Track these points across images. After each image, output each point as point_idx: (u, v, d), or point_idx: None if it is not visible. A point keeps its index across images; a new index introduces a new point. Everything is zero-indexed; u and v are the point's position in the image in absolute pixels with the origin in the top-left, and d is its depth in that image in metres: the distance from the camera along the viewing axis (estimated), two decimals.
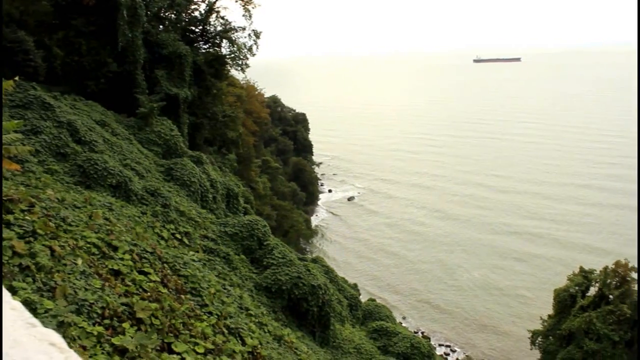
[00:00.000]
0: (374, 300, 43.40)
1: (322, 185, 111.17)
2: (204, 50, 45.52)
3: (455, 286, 63.12)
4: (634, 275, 34.17)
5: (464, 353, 51.54)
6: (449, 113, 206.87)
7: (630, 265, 34.29)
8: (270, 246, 26.33)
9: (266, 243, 26.52)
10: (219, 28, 45.75)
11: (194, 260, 17.49)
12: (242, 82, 73.72)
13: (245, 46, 47.32)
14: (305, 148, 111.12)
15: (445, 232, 79.71)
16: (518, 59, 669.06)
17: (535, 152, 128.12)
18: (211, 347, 11.08)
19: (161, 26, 41.62)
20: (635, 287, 33.98)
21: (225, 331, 13.24)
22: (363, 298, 43.94)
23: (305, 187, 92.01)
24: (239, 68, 48.72)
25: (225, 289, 17.96)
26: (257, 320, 18.09)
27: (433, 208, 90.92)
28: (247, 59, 48.30)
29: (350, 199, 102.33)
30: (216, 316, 13.63)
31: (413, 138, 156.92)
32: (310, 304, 24.63)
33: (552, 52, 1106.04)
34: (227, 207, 33.42)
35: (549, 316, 38.68)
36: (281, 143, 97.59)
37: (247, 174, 60.00)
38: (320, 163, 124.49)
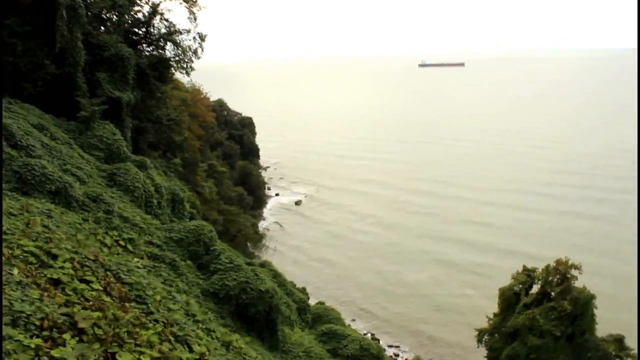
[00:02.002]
0: (323, 303, 43.52)
1: (269, 189, 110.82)
2: (147, 53, 44.59)
3: (398, 293, 63.63)
4: (574, 272, 35.43)
5: (413, 353, 52.24)
6: (395, 118, 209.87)
7: (570, 262, 35.54)
8: (217, 251, 25.98)
9: (213, 248, 26.15)
10: (163, 30, 44.89)
11: (138, 267, 17.05)
12: (187, 86, 72.76)
13: (190, 49, 46.63)
14: (251, 152, 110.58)
15: (389, 240, 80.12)
16: (462, 64, 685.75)
17: (480, 158, 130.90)
18: (157, 355, 10.78)
19: (102, 28, 40.49)
20: (576, 284, 35.26)
21: (172, 339, 12.92)
22: (314, 299, 44.00)
23: (252, 191, 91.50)
24: (184, 71, 47.97)
25: (171, 295, 17.57)
26: (204, 327, 17.77)
27: (377, 215, 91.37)
28: (192, 62, 47.61)
29: (298, 202, 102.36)
30: (162, 324, 13.29)
31: (360, 143, 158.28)
32: (258, 308, 24.44)
33: (494, 57, 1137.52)
34: (173, 212, 32.82)
35: (495, 314, 39.65)
36: (227, 147, 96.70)
37: (193, 179, 59.15)
38: (267, 167, 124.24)
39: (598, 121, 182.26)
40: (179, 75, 53.34)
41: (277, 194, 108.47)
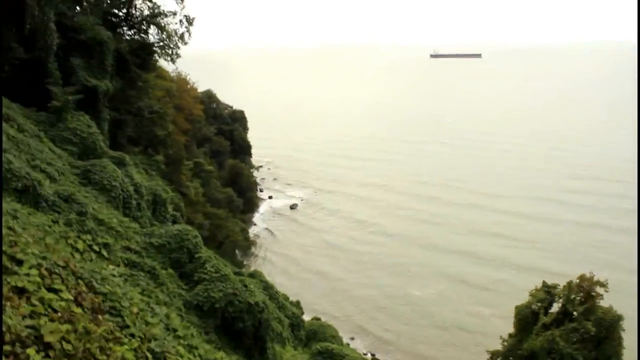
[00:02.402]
0: (318, 319, 43.46)
1: (261, 191, 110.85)
2: (128, 37, 44.64)
3: (400, 310, 63.64)
4: (599, 290, 35.33)
5: None
6: (402, 115, 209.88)
7: (595, 279, 35.45)
8: (202, 259, 25.92)
9: (197, 255, 26.09)
10: (145, 12, 44.96)
11: (113, 276, 16.99)
12: (172, 75, 72.67)
13: (176, 34, 46.70)
14: (243, 149, 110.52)
15: (392, 252, 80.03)
16: (479, 55, 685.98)
17: (495, 160, 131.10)
18: None
19: (78, 8, 40.49)
20: (601, 303, 35.14)
21: (150, 356, 12.89)
22: (310, 313, 43.98)
23: (242, 193, 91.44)
24: (169, 58, 48.02)
25: (150, 307, 17.52)
26: (186, 343, 17.73)
27: (379, 223, 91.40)
28: (179, 48, 47.67)
29: (292, 207, 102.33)
30: (139, 339, 13.24)
31: (362, 142, 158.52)
32: (247, 323, 24.37)
33: (515, 48, 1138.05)
34: (154, 215, 32.78)
35: (510, 335, 39.53)
36: (216, 143, 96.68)
37: (177, 178, 59.09)
38: (260, 167, 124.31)
39: (631, 121, 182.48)
40: (163, 63, 53.41)
41: (270, 197, 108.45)
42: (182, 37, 47.32)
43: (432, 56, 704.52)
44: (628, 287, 61.70)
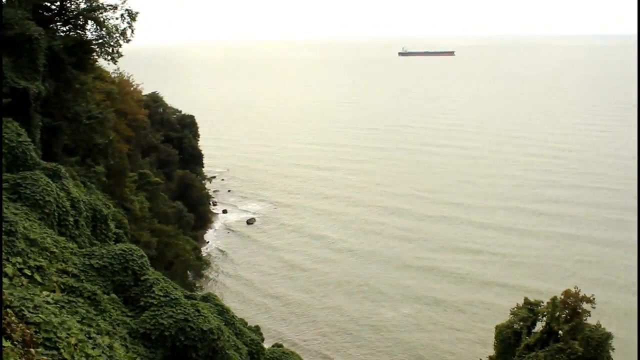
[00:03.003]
0: (280, 345, 43.18)
1: (214, 205, 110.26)
2: (62, 34, 43.91)
3: (367, 337, 63.53)
4: (586, 306, 35.89)
5: None
6: (367, 117, 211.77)
7: (581, 294, 36.01)
8: (150, 282, 25.56)
9: (144, 278, 25.72)
10: (82, 6, 44.27)
11: (48, 303, 16.65)
12: (113, 76, 71.88)
13: (117, 30, 46.06)
14: (193, 159, 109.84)
15: (358, 271, 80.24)
16: (451, 53, 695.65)
17: (468, 168, 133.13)
18: None
19: (4, 0, 39.77)
20: (588, 320, 35.70)
21: None
22: (272, 339, 43.71)
23: (193, 207, 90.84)
24: (109, 57, 47.30)
25: (90, 337, 17.18)
26: None
27: (344, 240, 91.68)
28: (120, 45, 46.99)
29: (249, 222, 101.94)
30: None
31: (325, 150, 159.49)
32: (200, 352, 24.08)
33: (492, 44, 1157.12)
34: (94, 233, 32.24)
35: (490, 358, 39.87)
36: (163, 152, 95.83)
37: (120, 191, 58.36)
38: (213, 177, 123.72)
39: (613, 123, 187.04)
40: (102, 63, 52.67)
41: (224, 211, 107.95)
42: (123, 33, 46.68)
43: (401, 54, 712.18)
44: (615, 307, 63.06)
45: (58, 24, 44.31)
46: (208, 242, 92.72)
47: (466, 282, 75.61)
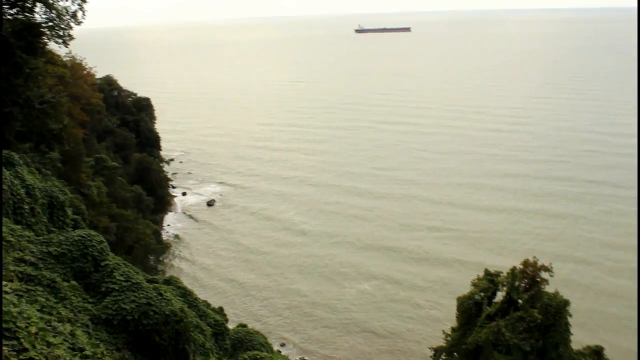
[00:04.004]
0: (244, 326, 43.29)
1: (173, 187, 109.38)
2: (10, 17, 42.77)
3: (328, 317, 63.69)
4: (544, 275, 36.66)
5: None
6: (324, 97, 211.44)
7: (539, 264, 36.75)
8: (110, 267, 25.28)
9: (104, 264, 25.43)
10: None
11: (6, 292, 16.36)
12: (65, 59, 70.46)
13: (67, 12, 45.01)
14: (150, 142, 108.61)
15: (317, 253, 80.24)
16: (407, 29, 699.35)
17: (427, 145, 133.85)
18: None
19: None
20: (546, 289, 36.49)
21: None
22: (232, 323, 43.67)
23: (152, 190, 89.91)
24: (60, 40, 46.26)
25: (51, 326, 16.94)
26: None
27: (302, 221, 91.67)
28: (71, 28, 45.96)
29: (210, 203, 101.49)
30: None
31: (283, 129, 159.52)
32: (164, 336, 23.96)
33: (445, 19, 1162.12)
34: (51, 220, 31.72)
35: (453, 329, 40.50)
36: (120, 136, 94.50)
37: (76, 177, 57.44)
38: (171, 160, 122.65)
39: (572, 97, 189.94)
40: (53, 46, 51.52)
41: (184, 193, 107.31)
42: (74, 15, 45.64)
43: (357, 31, 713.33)
44: (573, 278, 64.37)
45: (5, 6, 43.12)
46: (168, 225, 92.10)
47: (426, 260, 75.97)
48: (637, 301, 56.33)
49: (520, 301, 36.86)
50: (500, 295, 38.86)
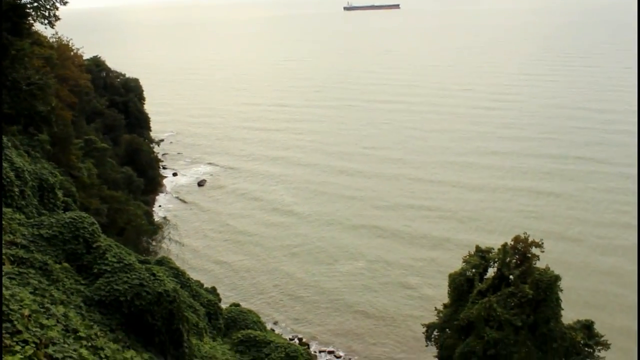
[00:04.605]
0: (238, 305, 43.44)
1: (164, 168, 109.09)
2: None
3: (318, 300, 63.40)
4: (535, 251, 36.86)
5: (350, 358, 53.26)
6: (314, 75, 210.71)
7: (530, 240, 36.94)
8: (102, 249, 25.26)
9: (96, 245, 25.40)
10: None
11: None
12: (51, 40, 69.83)
13: None
14: (140, 123, 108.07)
15: (306, 233, 79.92)
16: (397, 6, 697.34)
17: (416, 124, 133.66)
18: None
19: None
20: (537, 265, 36.74)
21: None
22: (224, 304, 43.79)
23: (143, 171, 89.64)
24: (46, 21, 45.83)
25: (44, 308, 16.96)
26: (89, 344, 17.30)
27: (291, 202, 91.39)
28: (57, 8, 45.55)
29: (201, 183, 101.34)
30: (34, 345, 12.81)
31: (272, 109, 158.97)
32: (157, 316, 24.01)
33: None
34: (41, 203, 31.61)
35: (445, 306, 40.76)
36: (109, 117, 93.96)
37: (66, 159, 57.14)
38: (161, 140, 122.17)
39: (562, 74, 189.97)
40: (39, 27, 51.05)
41: (175, 174, 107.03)
42: None
43: (346, 9, 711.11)
44: (562, 256, 64.44)
45: None
46: (160, 206, 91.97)
47: (416, 239, 75.82)
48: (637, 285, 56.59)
49: (511, 277, 37.10)
50: (491, 272, 39.08)
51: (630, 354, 49.26)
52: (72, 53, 79.63)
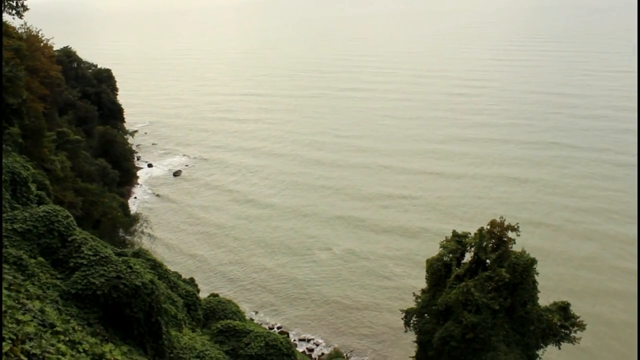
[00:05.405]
0: (216, 295, 43.41)
1: (138, 159, 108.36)
2: None
3: (294, 293, 63.25)
4: (511, 234, 37.17)
5: (330, 346, 53.50)
6: (287, 64, 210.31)
7: (506, 223, 37.23)
8: (77, 242, 25.07)
9: (71, 239, 25.20)
10: None
11: None
12: (20, 32, 68.82)
13: None
14: (113, 114, 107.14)
15: (279, 225, 79.53)
16: None
17: (390, 111, 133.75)
18: None
19: None
20: (514, 248, 37.06)
21: (25, 359, 12.41)
22: (203, 295, 43.72)
23: (117, 163, 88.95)
24: (14, 11, 45.22)
25: (19, 303, 16.83)
26: (67, 339, 17.20)
27: (263, 193, 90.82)
28: None
29: (176, 173, 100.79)
30: (10, 341, 12.70)
31: (246, 98, 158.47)
32: (135, 309, 23.93)
33: None
34: (14, 197, 31.25)
35: (423, 291, 41.00)
36: (81, 109, 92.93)
37: (38, 152, 56.56)
38: (135, 131, 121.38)
39: (535, 58, 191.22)
40: (7, 17, 50.33)
41: (149, 165, 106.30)
42: None
43: None
44: (536, 243, 64.63)
45: None
46: (135, 197, 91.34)
47: (392, 229, 75.74)
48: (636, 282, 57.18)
49: (488, 261, 37.38)
50: (468, 256, 39.33)
51: (604, 339, 50.26)
52: (41, 44, 78.48)
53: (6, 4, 43.92)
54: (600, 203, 78.37)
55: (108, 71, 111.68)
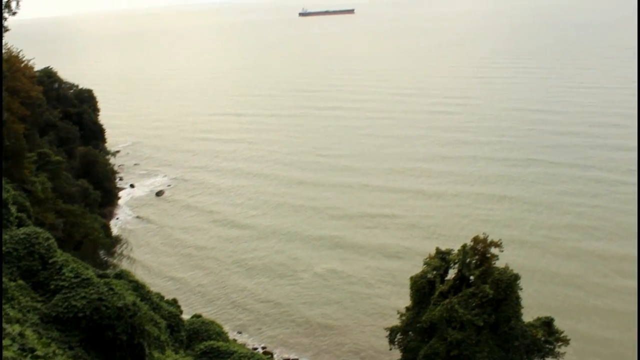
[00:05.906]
0: (199, 316, 43.10)
1: (120, 179, 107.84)
2: None
3: (273, 315, 62.54)
4: (494, 250, 37.36)
5: None
6: (269, 83, 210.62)
7: (489, 240, 37.43)
8: (58, 264, 24.84)
9: (52, 261, 24.97)
10: None
11: None
12: None
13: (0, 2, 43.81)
14: (95, 134, 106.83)
15: (258, 247, 78.62)
16: (351, 11, 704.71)
17: (373, 130, 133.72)
18: None
19: None
20: (497, 264, 37.23)
21: None
22: (185, 316, 43.33)
23: (99, 184, 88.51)
24: None
25: None
26: None
27: (243, 215, 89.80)
28: (6, 19, 44.80)
29: (159, 193, 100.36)
30: None
31: (228, 118, 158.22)
32: (117, 331, 23.67)
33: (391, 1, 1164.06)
34: None
35: (407, 308, 41.01)
36: (63, 130, 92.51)
37: (19, 173, 56.15)
38: (117, 152, 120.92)
39: (517, 75, 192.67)
40: None
41: (132, 186, 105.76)
42: (8, 5, 44.50)
43: (301, 14, 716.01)
44: (519, 262, 64.52)
45: None
46: (117, 218, 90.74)
47: (375, 249, 74.95)
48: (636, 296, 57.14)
49: (471, 277, 37.53)
50: (452, 273, 39.46)
51: (586, 357, 50.29)
52: (22, 64, 78.21)
53: None
54: (581, 220, 78.56)
55: (89, 91, 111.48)
